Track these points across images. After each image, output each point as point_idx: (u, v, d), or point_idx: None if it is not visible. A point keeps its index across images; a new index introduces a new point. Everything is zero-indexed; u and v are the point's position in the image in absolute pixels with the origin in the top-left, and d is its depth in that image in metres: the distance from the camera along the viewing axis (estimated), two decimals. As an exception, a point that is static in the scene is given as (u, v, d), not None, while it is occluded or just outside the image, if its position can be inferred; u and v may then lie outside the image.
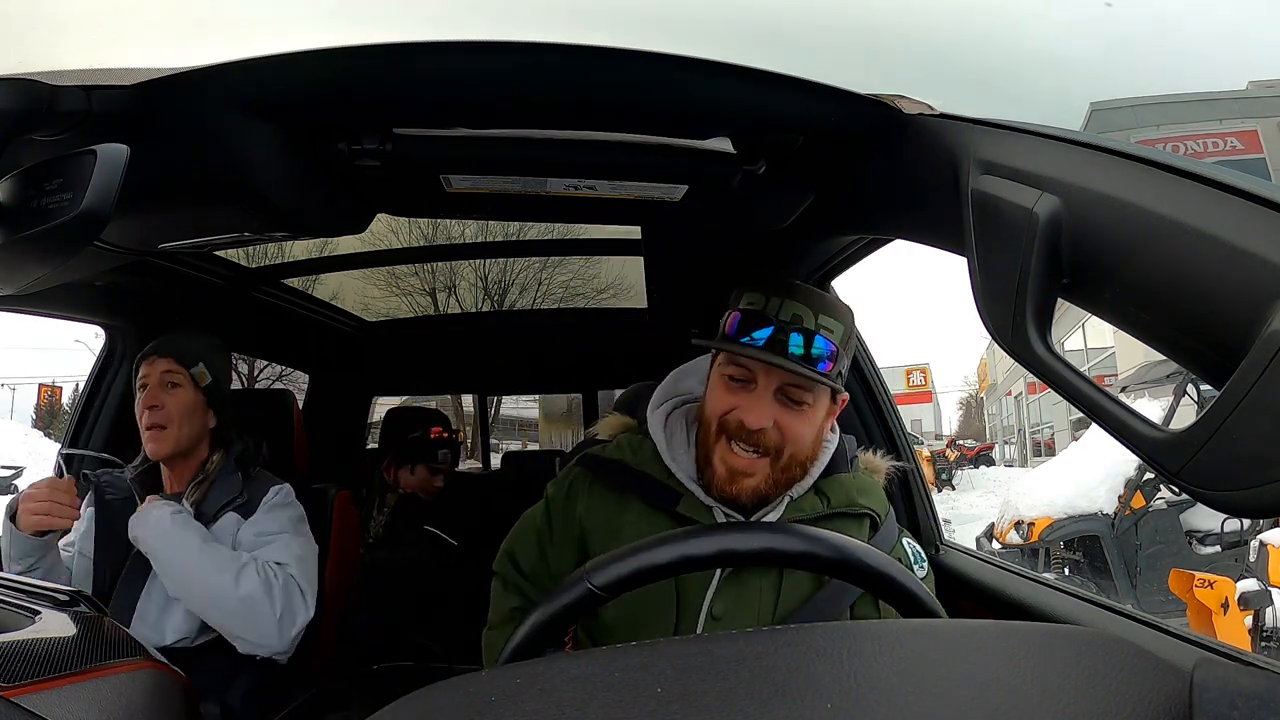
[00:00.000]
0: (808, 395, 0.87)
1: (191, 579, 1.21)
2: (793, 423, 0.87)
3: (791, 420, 0.87)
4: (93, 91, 0.67)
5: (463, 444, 3.39)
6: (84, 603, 0.76)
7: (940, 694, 0.34)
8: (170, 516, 1.24)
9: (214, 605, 1.21)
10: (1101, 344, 13.08)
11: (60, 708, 0.55)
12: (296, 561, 1.30)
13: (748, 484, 0.87)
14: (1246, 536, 4.87)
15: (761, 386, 0.87)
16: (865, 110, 0.73)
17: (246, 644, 1.23)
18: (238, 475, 1.38)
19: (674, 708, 0.33)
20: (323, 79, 0.72)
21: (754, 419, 0.86)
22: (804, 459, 0.90)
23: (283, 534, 1.33)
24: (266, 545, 1.30)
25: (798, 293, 0.88)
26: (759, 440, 0.86)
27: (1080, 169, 0.52)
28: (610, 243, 1.90)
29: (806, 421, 0.88)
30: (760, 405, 0.86)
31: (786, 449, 0.88)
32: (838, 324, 0.88)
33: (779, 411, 0.87)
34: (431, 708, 0.37)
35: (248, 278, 1.77)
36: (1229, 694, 0.29)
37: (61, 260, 0.59)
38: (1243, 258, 0.41)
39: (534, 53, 0.70)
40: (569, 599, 0.54)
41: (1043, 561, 5.50)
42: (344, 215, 1.05)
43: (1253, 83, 8.88)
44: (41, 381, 17.57)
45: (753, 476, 0.87)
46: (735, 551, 0.51)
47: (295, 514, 1.39)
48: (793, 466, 0.89)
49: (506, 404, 10.98)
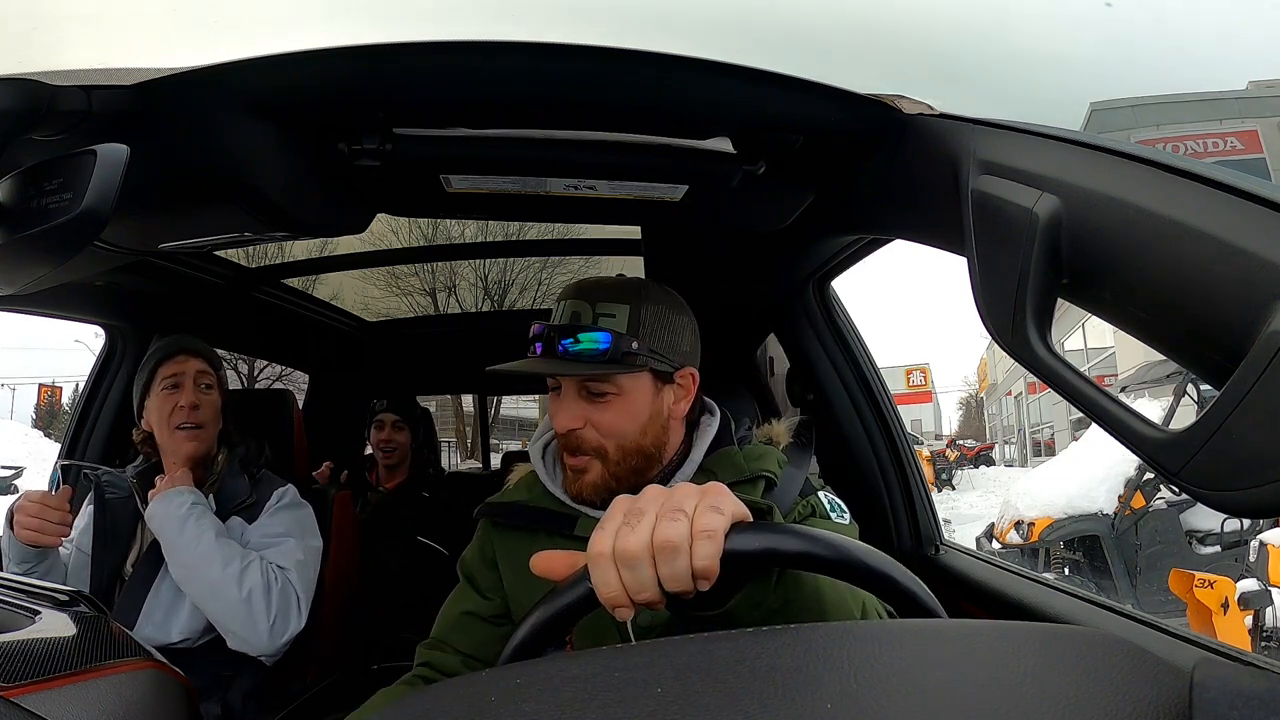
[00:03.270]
0: (608, 386, 0.88)
1: (200, 568, 1.21)
2: (603, 416, 0.88)
3: (601, 414, 0.88)
4: (93, 91, 0.67)
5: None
6: (84, 603, 0.76)
7: (940, 694, 0.34)
8: (191, 503, 1.25)
9: (215, 597, 1.21)
10: (1101, 344, 13.09)
11: (60, 708, 0.55)
12: (297, 567, 1.30)
13: (586, 481, 0.89)
14: (1246, 536, 4.87)
15: (565, 390, 0.89)
16: (865, 110, 0.73)
17: (236, 639, 1.23)
18: (244, 477, 1.39)
19: (674, 708, 0.33)
20: (323, 79, 0.72)
21: (560, 421, 0.89)
22: (641, 447, 0.90)
23: (288, 537, 1.33)
24: (271, 548, 1.30)
25: (582, 290, 0.90)
26: (576, 442, 0.89)
27: (1080, 169, 0.52)
28: (610, 243, 1.90)
29: (618, 411, 0.88)
30: (565, 408, 0.89)
31: (608, 442, 0.89)
32: (620, 307, 0.88)
33: (589, 410, 0.88)
34: (431, 708, 0.37)
35: (248, 278, 1.77)
36: (1229, 694, 0.29)
37: (61, 260, 0.59)
38: (1243, 258, 0.41)
39: (534, 53, 0.70)
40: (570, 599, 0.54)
41: (1043, 561, 5.50)
42: (344, 215, 1.05)
43: (1253, 83, 8.89)
44: (41, 381, 17.59)
45: (588, 473, 0.89)
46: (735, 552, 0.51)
47: (302, 514, 1.40)
48: (630, 457, 0.89)
49: (506, 404, 10.98)
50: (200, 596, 1.23)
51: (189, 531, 1.22)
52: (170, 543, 1.23)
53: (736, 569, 0.52)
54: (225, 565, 1.22)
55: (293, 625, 1.26)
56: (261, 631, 1.22)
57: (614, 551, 0.51)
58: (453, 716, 0.36)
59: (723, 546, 0.51)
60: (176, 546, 1.22)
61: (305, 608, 1.29)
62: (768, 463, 0.93)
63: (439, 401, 9.04)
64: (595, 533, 0.52)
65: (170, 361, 1.34)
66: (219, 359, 1.42)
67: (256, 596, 1.22)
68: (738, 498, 0.55)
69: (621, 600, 0.51)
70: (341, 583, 1.63)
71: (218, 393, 1.38)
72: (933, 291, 52.78)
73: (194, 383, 1.34)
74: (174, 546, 1.23)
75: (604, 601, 0.52)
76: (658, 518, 0.51)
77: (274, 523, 1.35)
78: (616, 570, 0.51)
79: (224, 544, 1.24)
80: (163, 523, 1.23)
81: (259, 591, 1.22)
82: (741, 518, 0.53)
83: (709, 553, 0.50)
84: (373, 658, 2.01)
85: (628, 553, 0.50)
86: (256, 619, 1.22)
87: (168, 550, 1.24)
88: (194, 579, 1.22)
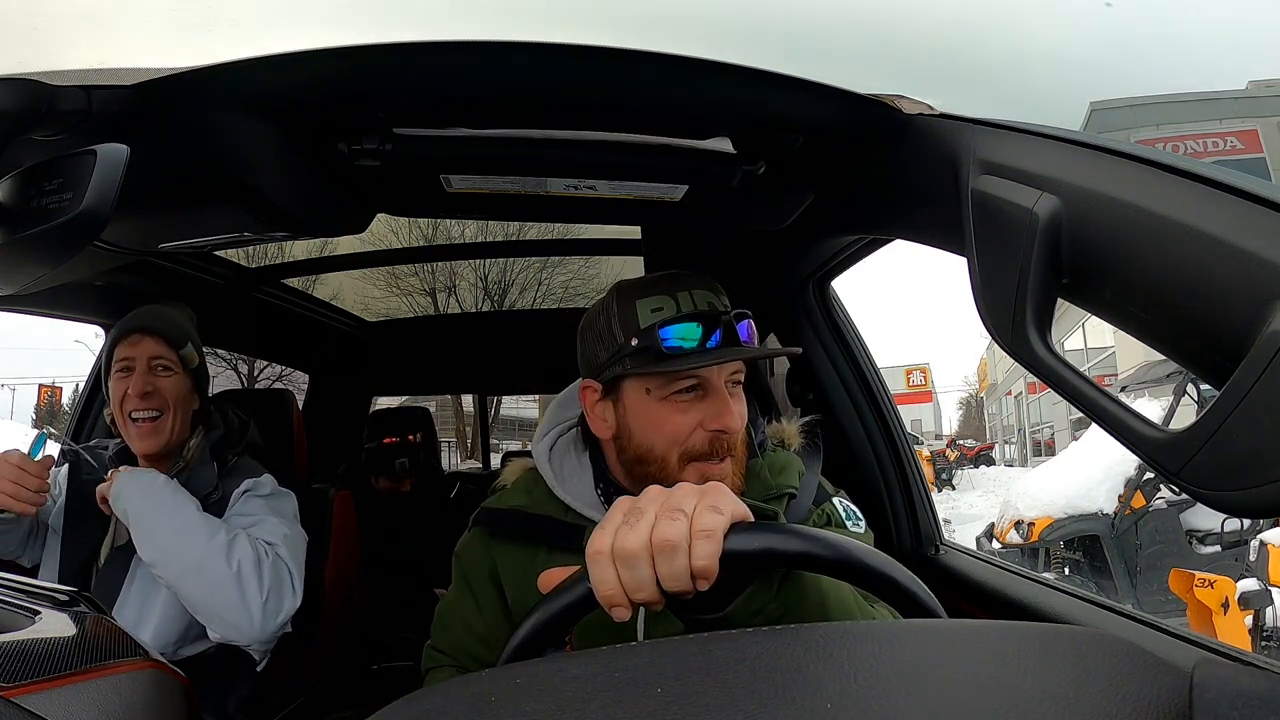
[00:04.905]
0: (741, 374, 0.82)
1: (182, 541, 1.07)
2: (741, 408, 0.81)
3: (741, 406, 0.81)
4: (93, 91, 0.67)
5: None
6: (84, 603, 0.76)
7: (940, 694, 0.34)
8: (164, 481, 1.12)
9: (200, 574, 1.07)
10: (1101, 344, 13.08)
11: (60, 708, 0.55)
12: (285, 542, 1.17)
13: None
14: (1246, 536, 4.87)
15: (716, 384, 0.80)
16: (865, 110, 0.73)
17: (223, 625, 1.09)
18: (212, 465, 1.23)
19: (674, 708, 0.33)
20: (323, 79, 0.72)
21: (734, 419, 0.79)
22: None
23: (268, 517, 1.20)
24: (254, 526, 1.17)
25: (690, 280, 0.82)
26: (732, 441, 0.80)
27: (1080, 169, 0.52)
28: (610, 243, 1.91)
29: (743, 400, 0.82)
30: (728, 404, 0.79)
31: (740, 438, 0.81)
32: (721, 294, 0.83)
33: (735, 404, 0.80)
34: (431, 708, 0.37)
35: (248, 278, 1.77)
36: (1229, 694, 0.29)
37: (61, 260, 0.59)
38: (1243, 258, 0.41)
39: (534, 53, 0.70)
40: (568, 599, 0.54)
41: (1043, 561, 5.50)
42: (344, 215, 1.05)
43: (1253, 82, 8.87)
44: (41, 382, 17.57)
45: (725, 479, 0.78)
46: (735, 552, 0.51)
47: (280, 503, 1.26)
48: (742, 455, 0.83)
49: (506, 404, 10.98)
50: (181, 577, 1.07)
51: (165, 501, 1.09)
52: (142, 517, 1.08)
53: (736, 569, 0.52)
54: (210, 536, 1.08)
55: (287, 605, 1.12)
56: (253, 611, 1.08)
57: (613, 550, 0.51)
58: (453, 716, 0.36)
59: (722, 546, 0.51)
60: (151, 519, 1.08)
61: (299, 586, 1.15)
62: (789, 476, 0.86)
63: (439, 401, 9.04)
64: (595, 532, 0.52)
65: (123, 343, 1.20)
66: (185, 332, 1.25)
67: (247, 570, 1.08)
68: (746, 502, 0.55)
69: (619, 599, 0.51)
70: (341, 583, 1.62)
71: (182, 373, 1.21)
72: (933, 291, 52.79)
73: (147, 366, 1.18)
74: (148, 520, 1.08)
75: (601, 600, 0.51)
76: (657, 517, 0.51)
77: (247, 508, 1.21)
78: (615, 569, 0.51)
79: (205, 517, 1.11)
80: (133, 494, 1.09)
81: (249, 564, 1.08)
82: (741, 518, 0.53)
83: (708, 552, 0.50)
84: (373, 658, 2.01)
85: (626, 551, 0.50)
86: (248, 597, 1.07)
87: (140, 530, 1.08)
88: (175, 556, 1.07)
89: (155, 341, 1.20)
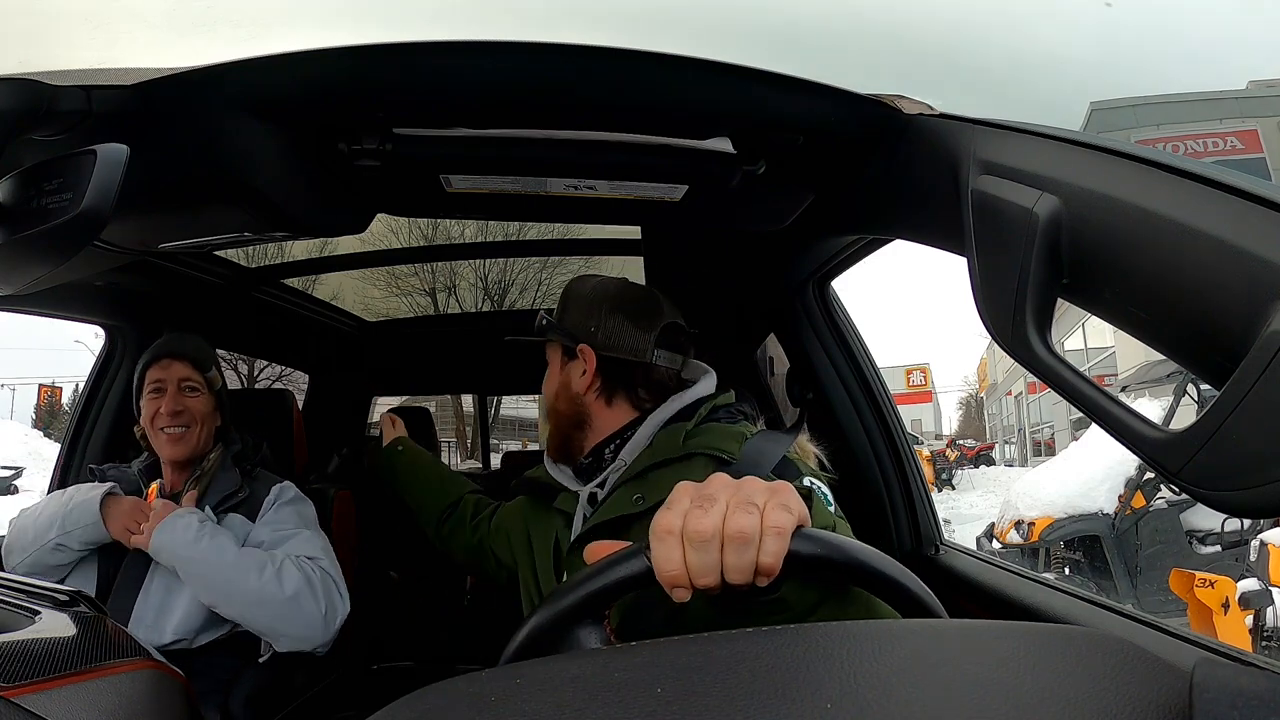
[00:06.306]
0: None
1: (233, 585, 1.19)
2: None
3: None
4: (93, 91, 0.67)
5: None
6: (84, 603, 0.76)
7: (940, 694, 0.34)
8: (198, 525, 1.23)
9: (261, 605, 1.19)
10: (1101, 344, 13.08)
11: (60, 708, 0.55)
12: (324, 554, 1.30)
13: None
14: (1247, 536, 4.87)
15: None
16: (865, 110, 0.73)
17: (291, 640, 1.22)
18: (235, 471, 1.38)
19: (674, 708, 0.33)
20: (323, 79, 0.72)
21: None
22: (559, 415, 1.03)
23: (302, 529, 1.33)
24: (289, 540, 1.29)
25: None
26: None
27: (1080, 169, 0.52)
28: (610, 243, 1.90)
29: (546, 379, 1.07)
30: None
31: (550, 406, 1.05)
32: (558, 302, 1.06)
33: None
34: (431, 708, 0.37)
35: (248, 278, 1.77)
36: (1229, 694, 0.29)
37: (61, 260, 0.59)
38: (1243, 258, 0.41)
39: (534, 53, 0.70)
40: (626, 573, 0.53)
41: (1043, 561, 5.50)
42: (344, 215, 1.05)
43: (1253, 82, 8.87)
44: (41, 382, 17.59)
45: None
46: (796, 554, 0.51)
47: (305, 510, 1.39)
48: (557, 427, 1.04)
49: (506, 404, 10.98)
50: (243, 610, 1.20)
51: (207, 548, 1.20)
52: (189, 565, 1.19)
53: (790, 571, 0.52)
54: (260, 571, 1.20)
55: (341, 610, 1.25)
56: (315, 625, 1.21)
57: (683, 531, 0.51)
58: (453, 716, 0.36)
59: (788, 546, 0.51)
60: (198, 567, 1.19)
61: (345, 590, 1.28)
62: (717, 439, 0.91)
63: (439, 401, 9.04)
64: (661, 513, 0.52)
65: (155, 366, 1.36)
66: (210, 358, 1.42)
67: (304, 593, 1.20)
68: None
69: (682, 580, 0.51)
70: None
71: (207, 394, 1.38)
72: (933, 291, 52.80)
73: (177, 388, 1.35)
74: (195, 568, 1.19)
75: (663, 579, 0.51)
76: (729, 506, 0.51)
77: (280, 518, 1.34)
78: (683, 549, 0.51)
79: (247, 553, 1.23)
80: (174, 549, 1.20)
81: (302, 586, 1.21)
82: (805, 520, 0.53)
83: (776, 549, 0.50)
84: (373, 658, 2.01)
85: (700, 534, 0.50)
86: (309, 615, 1.20)
87: (188, 576, 1.20)
88: (232, 595, 1.19)
89: (184, 365, 1.37)
